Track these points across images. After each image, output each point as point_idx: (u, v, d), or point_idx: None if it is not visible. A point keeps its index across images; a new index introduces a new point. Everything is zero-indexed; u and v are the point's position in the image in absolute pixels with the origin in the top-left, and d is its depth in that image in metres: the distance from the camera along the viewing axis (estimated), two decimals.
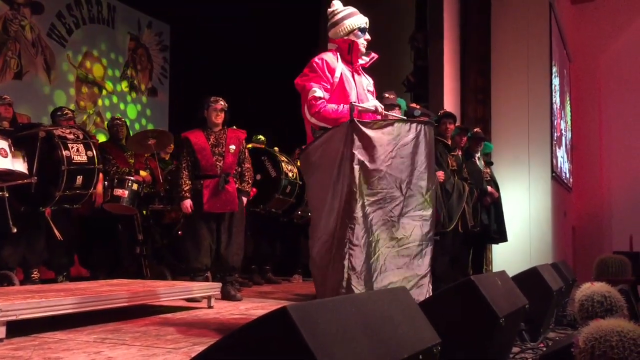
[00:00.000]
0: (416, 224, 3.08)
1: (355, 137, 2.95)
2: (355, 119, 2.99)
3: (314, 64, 3.26)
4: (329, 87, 3.22)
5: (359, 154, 2.95)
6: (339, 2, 3.48)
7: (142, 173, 5.84)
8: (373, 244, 2.94)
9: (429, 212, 3.15)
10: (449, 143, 5.96)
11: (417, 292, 3.01)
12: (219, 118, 4.97)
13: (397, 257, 2.99)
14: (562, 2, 10.20)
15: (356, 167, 2.93)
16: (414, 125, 3.14)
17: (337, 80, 3.26)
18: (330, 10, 3.47)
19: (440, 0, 7.70)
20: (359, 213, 2.92)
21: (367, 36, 3.43)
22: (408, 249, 3.04)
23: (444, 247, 5.53)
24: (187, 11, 8.63)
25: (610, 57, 11.39)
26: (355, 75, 3.40)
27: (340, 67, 3.29)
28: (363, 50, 3.42)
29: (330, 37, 3.44)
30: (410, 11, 8.01)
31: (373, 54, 3.50)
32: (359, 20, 3.40)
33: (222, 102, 4.97)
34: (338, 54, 3.37)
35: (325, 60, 3.28)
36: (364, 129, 2.97)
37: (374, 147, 2.97)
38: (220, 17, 8.92)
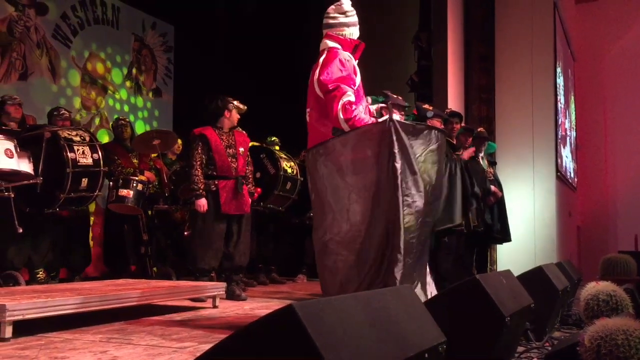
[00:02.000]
0: (425, 227, 3.15)
1: (394, 137, 2.97)
2: (395, 119, 3.02)
3: (345, 64, 3.25)
4: (355, 89, 3.23)
5: (399, 155, 2.98)
6: (348, 1, 3.46)
7: (147, 173, 5.85)
8: (407, 248, 3.01)
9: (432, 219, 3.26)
10: (454, 142, 5.96)
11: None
12: (237, 120, 5.05)
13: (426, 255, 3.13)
14: (566, 2, 10.18)
15: (398, 166, 2.96)
16: (435, 132, 3.21)
17: (358, 83, 3.31)
18: (345, 8, 3.42)
19: (444, 0, 7.69)
20: (401, 218, 2.97)
21: None
22: (416, 251, 3.10)
23: (448, 247, 5.54)
24: (191, 12, 8.65)
25: (615, 56, 11.36)
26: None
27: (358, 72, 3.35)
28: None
29: (336, 34, 3.39)
30: (414, 11, 8.01)
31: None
32: (358, 33, 3.45)
33: (243, 106, 5.06)
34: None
35: (353, 64, 3.32)
36: (400, 130, 3.00)
37: (408, 150, 3.02)
38: (224, 17, 8.95)
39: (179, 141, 6.43)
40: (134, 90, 8.32)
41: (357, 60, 3.44)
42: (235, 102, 4.99)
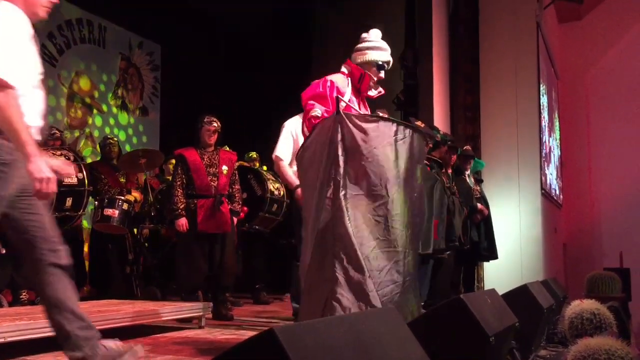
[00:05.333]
0: (401, 231, 2.99)
1: (339, 128, 2.94)
2: (342, 112, 3.01)
3: (326, 84, 3.30)
4: (330, 110, 3.24)
5: (341, 145, 2.92)
6: (377, 32, 3.51)
7: (134, 192, 5.82)
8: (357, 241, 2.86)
9: (410, 220, 3.07)
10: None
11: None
12: (212, 139, 4.99)
13: (379, 257, 2.90)
14: (549, 21, 10.35)
15: (341, 158, 2.91)
16: (401, 127, 3.09)
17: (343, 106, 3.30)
18: (363, 35, 3.52)
19: (429, 20, 7.80)
20: (343, 205, 2.86)
21: (382, 75, 3.46)
22: (390, 253, 2.94)
23: (445, 267, 5.55)
24: (178, 31, 8.69)
25: (598, 75, 11.54)
26: (361, 106, 3.45)
27: (348, 95, 3.34)
28: (372, 84, 3.46)
29: (350, 60, 3.50)
30: (400, 30, 8.10)
31: (381, 89, 3.54)
32: (382, 56, 3.43)
33: (215, 124, 4.99)
34: (349, 79, 3.42)
35: (336, 85, 3.32)
36: (348, 121, 2.96)
37: (357, 140, 2.94)
38: (210, 37, 8.99)
39: (174, 160, 6.41)
40: (120, 108, 8.31)
41: (369, 91, 3.49)
42: (205, 119, 4.99)
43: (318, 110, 3.22)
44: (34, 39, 2.48)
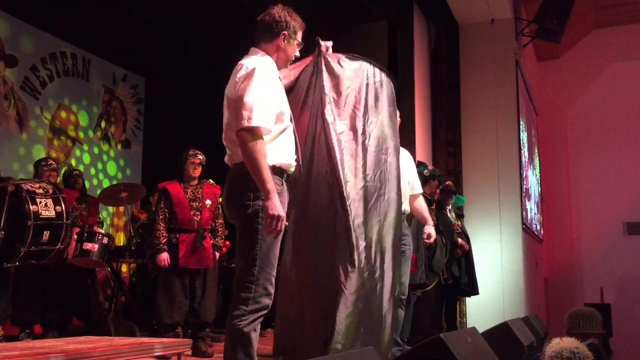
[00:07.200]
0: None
1: (324, 68, 3.08)
2: (323, 52, 3.08)
3: None
4: None
5: (327, 88, 3.04)
6: None
7: (96, 229, 5.70)
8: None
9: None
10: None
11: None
12: (197, 172, 4.98)
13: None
14: (528, 59, 10.59)
15: (328, 106, 3.01)
16: (377, 70, 3.28)
17: None
18: None
19: (410, 57, 7.93)
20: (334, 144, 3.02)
21: None
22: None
23: (427, 303, 5.54)
24: (162, 64, 8.74)
25: (576, 111, 11.77)
26: None
27: None
28: None
29: None
30: (383, 67, 8.22)
31: None
32: None
33: (200, 156, 4.99)
34: None
35: None
36: (330, 60, 3.08)
37: (340, 81, 3.08)
38: (194, 69, 9.04)
39: None
40: (102, 141, 8.28)
41: None
42: (189, 152, 4.99)
43: None
44: (280, 80, 2.83)
